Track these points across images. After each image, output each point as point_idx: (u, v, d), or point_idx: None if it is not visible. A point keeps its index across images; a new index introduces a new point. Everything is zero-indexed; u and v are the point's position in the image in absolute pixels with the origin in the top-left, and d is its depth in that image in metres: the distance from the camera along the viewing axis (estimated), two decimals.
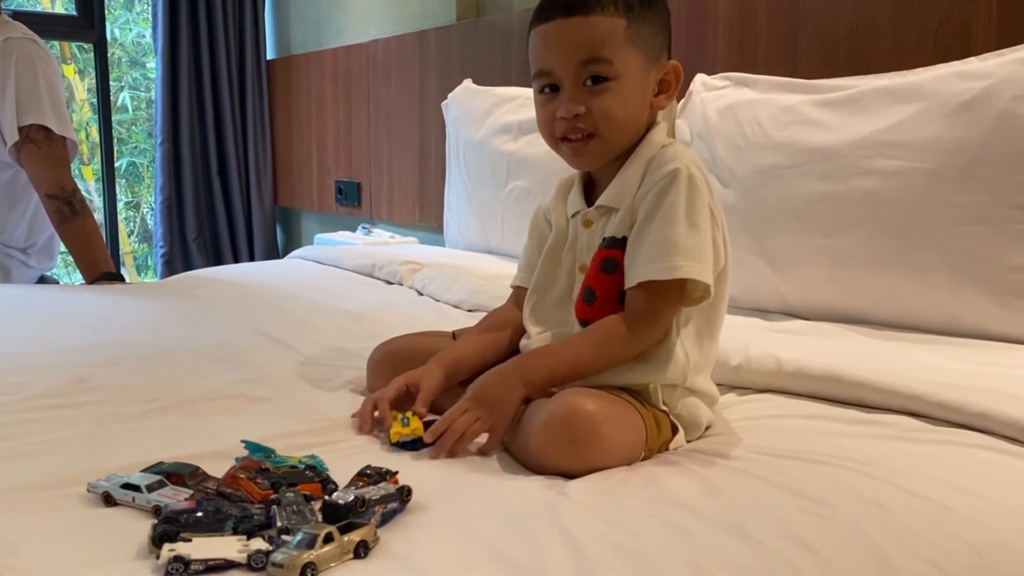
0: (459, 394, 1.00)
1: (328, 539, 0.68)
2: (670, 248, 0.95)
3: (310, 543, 0.67)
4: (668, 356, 0.99)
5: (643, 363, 1.00)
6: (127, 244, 4.71)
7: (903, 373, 1.08)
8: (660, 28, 1.03)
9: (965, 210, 1.28)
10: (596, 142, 1.02)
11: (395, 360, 1.15)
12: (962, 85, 1.31)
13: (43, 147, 2.09)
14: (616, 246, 1.01)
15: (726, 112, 1.60)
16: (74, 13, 3.42)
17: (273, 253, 3.71)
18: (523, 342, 1.11)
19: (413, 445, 0.96)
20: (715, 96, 1.66)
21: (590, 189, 1.10)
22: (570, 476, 0.86)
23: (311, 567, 0.66)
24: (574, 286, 1.07)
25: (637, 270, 0.97)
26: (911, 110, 1.35)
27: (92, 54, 3.49)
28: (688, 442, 1.00)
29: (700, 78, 1.73)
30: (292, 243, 3.76)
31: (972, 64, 1.33)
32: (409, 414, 0.98)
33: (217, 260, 3.60)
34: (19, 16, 2.30)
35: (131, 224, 4.84)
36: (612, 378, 0.99)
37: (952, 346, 1.26)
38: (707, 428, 1.04)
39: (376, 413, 1.02)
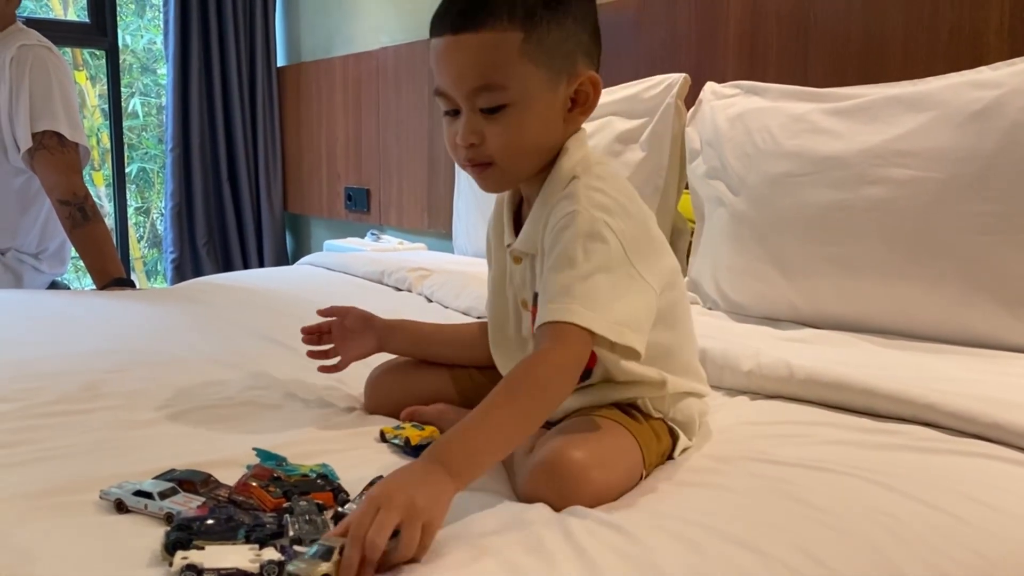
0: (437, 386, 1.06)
1: (343, 551, 0.68)
2: (564, 292, 0.85)
3: (326, 555, 0.66)
4: (639, 369, 0.94)
5: (617, 384, 0.95)
6: (137, 250, 4.72)
7: (915, 382, 1.08)
8: (572, 32, 0.91)
9: (977, 219, 1.28)
10: (495, 170, 0.94)
11: (392, 383, 1.15)
12: (974, 94, 1.31)
13: (56, 153, 2.11)
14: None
15: (736, 120, 1.60)
16: (87, 20, 3.44)
17: (283, 259, 3.72)
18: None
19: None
20: (725, 104, 1.66)
21: (520, 212, 1.02)
22: None
23: None
24: (521, 323, 1.02)
25: (541, 314, 0.86)
26: (922, 119, 1.35)
27: (104, 60, 3.51)
28: (691, 441, 0.99)
29: (710, 86, 1.73)
30: (301, 249, 3.77)
31: (984, 73, 1.33)
32: (407, 425, 1.00)
33: (227, 266, 3.61)
34: (33, 23, 2.31)
35: (141, 230, 4.86)
36: (592, 402, 0.95)
37: (964, 356, 1.26)
38: (700, 423, 1.01)
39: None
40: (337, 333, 1.16)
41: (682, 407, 0.98)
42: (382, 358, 1.20)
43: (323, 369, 1.17)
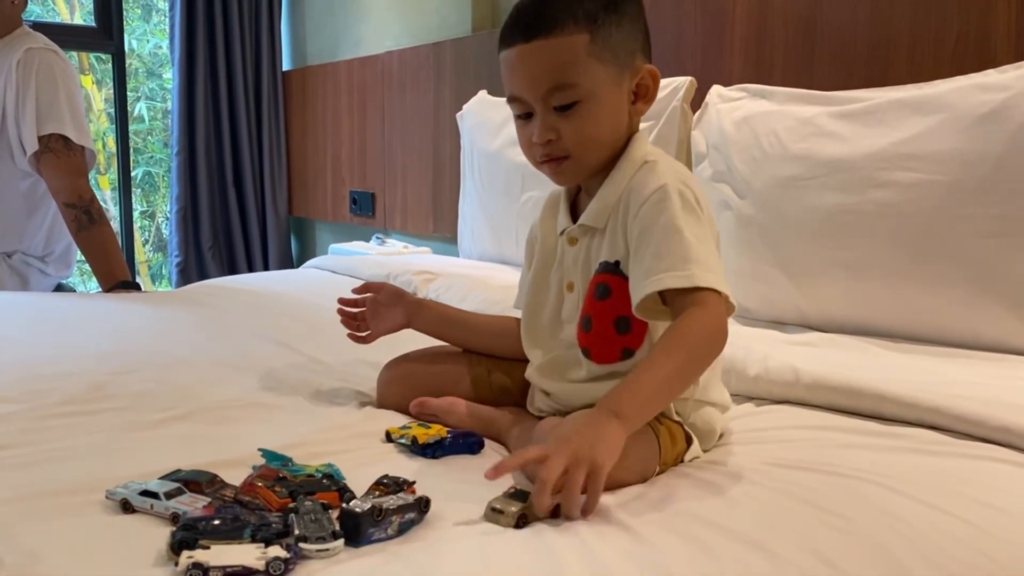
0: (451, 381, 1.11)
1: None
2: (683, 258, 0.91)
3: (521, 496, 0.77)
4: None
5: None
6: (142, 253, 4.74)
7: (922, 386, 1.07)
8: (630, 31, 0.99)
9: (984, 223, 1.28)
10: (571, 162, 1.01)
11: (406, 376, 1.16)
12: (981, 97, 1.31)
13: (62, 156, 2.11)
14: (608, 271, 0.99)
15: (742, 124, 1.60)
16: (93, 24, 3.46)
17: (287, 263, 3.73)
18: (527, 371, 1.10)
19: (433, 450, 0.96)
20: (731, 107, 1.65)
21: (577, 203, 1.08)
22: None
23: (524, 518, 0.76)
24: (562, 306, 1.06)
25: (647, 283, 0.91)
26: (929, 122, 1.35)
27: (110, 65, 3.53)
28: (704, 451, 0.99)
29: (716, 89, 1.73)
30: (306, 253, 3.78)
31: (991, 76, 1.33)
32: (413, 424, 1.01)
33: (232, 269, 3.62)
34: (39, 27, 2.32)
35: (146, 233, 4.87)
36: None
37: (971, 359, 1.25)
38: (720, 436, 1.03)
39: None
40: (370, 308, 1.23)
41: (703, 414, 1.00)
42: (395, 347, 1.21)
43: (353, 338, 1.25)
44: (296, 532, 0.72)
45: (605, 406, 0.84)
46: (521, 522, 0.76)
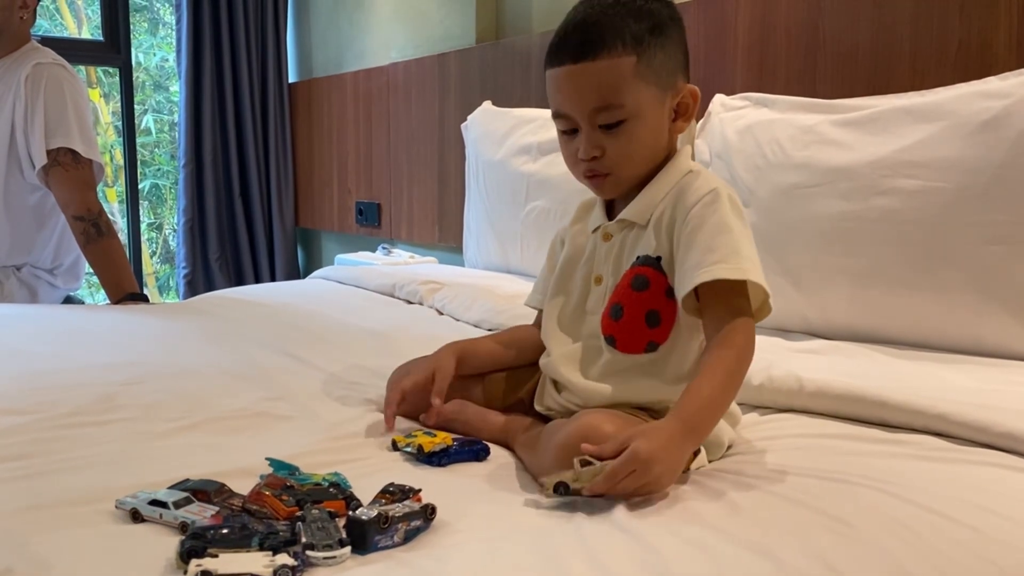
0: (464, 387, 1.11)
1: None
2: (735, 252, 0.96)
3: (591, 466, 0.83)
4: (686, 375, 1.00)
5: (661, 382, 1.00)
6: (149, 265, 4.76)
7: (926, 392, 1.07)
8: (672, 53, 1.03)
9: (987, 229, 1.28)
10: (612, 178, 1.05)
11: (415, 384, 1.16)
12: (982, 104, 1.31)
13: (70, 170, 2.13)
14: (649, 264, 1.02)
15: (745, 132, 1.61)
16: (100, 39, 3.49)
17: (294, 274, 3.74)
18: (543, 360, 1.12)
19: (439, 458, 0.97)
20: (734, 116, 1.66)
21: (612, 205, 1.12)
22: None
23: (563, 485, 0.81)
24: (587, 297, 1.09)
25: (697, 274, 0.95)
26: (931, 130, 1.35)
27: (117, 78, 3.55)
28: (710, 462, 1.00)
29: (719, 98, 1.74)
30: (313, 264, 3.79)
31: (992, 84, 1.33)
32: (419, 433, 1.02)
33: (239, 281, 3.63)
34: (48, 42, 2.35)
35: (153, 245, 4.90)
36: (630, 397, 1.00)
37: (975, 366, 1.25)
38: (728, 447, 1.04)
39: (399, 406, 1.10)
40: (414, 397, 1.12)
41: None
42: (402, 356, 1.22)
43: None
44: (303, 540, 0.73)
45: (681, 422, 0.88)
46: (561, 488, 0.83)
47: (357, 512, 0.76)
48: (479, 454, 1.00)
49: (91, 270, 2.20)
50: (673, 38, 1.03)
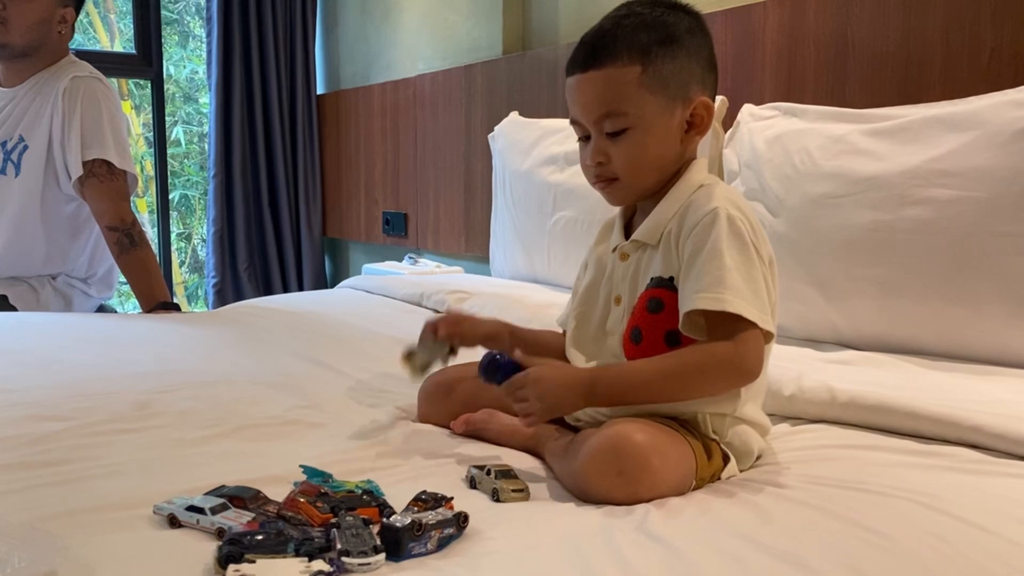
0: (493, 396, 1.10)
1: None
2: (718, 281, 0.95)
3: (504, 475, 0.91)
4: None
5: None
6: (179, 275, 4.82)
7: (959, 404, 1.06)
8: (685, 64, 1.03)
9: (1019, 239, 1.27)
10: (619, 184, 1.07)
11: (446, 389, 1.17)
12: (1015, 113, 1.30)
13: (105, 181, 2.17)
14: (662, 286, 1.02)
15: (774, 142, 1.61)
16: (133, 52, 3.55)
17: (321, 283, 3.77)
18: None
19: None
20: (763, 126, 1.66)
21: (631, 223, 1.12)
22: (619, 505, 0.86)
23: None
24: (608, 317, 1.09)
25: (685, 302, 0.97)
26: (963, 139, 1.34)
27: (148, 90, 3.61)
28: (741, 471, 1.00)
29: (748, 108, 1.74)
30: (340, 273, 3.82)
31: None
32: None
33: (267, 290, 3.66)
34: (81, 55, 2.39)
35: (183, 255, 4.95)
36: (660, 407, 1.00)
37: (1008, 377, 1.24)
38: (758, 457, 1.03)
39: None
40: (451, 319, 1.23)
41: (740, 432, 1.01)
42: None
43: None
44: (338, 546, 0.73)
45: (589, 378, 0.98)
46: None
47: (391, 519, 0.77)
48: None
49: (123, 279, 2.23)
50: (689, 49, 1.04)
